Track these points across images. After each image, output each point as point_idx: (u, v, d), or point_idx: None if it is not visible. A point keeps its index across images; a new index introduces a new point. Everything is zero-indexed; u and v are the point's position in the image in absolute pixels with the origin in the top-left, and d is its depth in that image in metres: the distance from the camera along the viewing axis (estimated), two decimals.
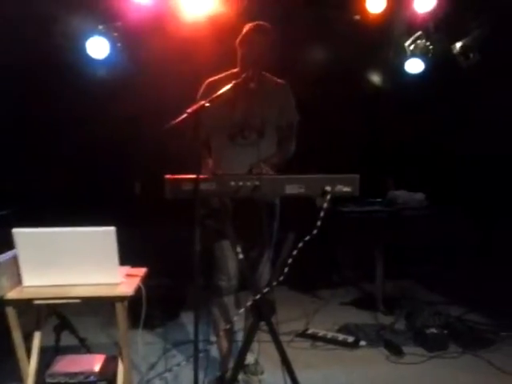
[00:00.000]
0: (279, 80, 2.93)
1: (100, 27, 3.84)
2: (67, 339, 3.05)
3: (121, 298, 2.27)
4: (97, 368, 2.45)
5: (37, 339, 2.45)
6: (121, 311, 2.29)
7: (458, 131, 4.85)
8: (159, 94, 4.24)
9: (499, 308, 3.99)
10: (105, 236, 2.24)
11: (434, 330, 3.51)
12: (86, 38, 3.86)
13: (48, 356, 2.62)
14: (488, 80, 4.32)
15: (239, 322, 3.01)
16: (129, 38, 3.94)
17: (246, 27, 2.80)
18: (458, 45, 4.21)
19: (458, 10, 4.01)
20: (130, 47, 4.02)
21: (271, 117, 2.83)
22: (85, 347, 3.09)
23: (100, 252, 2.25)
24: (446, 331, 3.54)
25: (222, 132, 2.82)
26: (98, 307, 3.88)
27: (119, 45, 3.94)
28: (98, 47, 3.88)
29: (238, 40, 2.80)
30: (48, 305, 2.40)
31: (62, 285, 2.27)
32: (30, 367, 2.41)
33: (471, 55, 4.17)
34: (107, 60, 3.96)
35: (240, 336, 3.09)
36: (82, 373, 2.41)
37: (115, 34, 3.90)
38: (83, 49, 3.88)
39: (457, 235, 4.34)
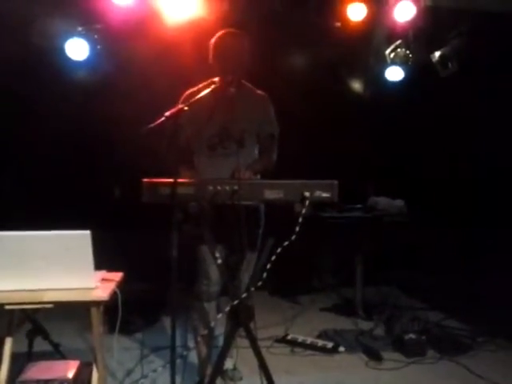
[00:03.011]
0: (259, 91, 2.93)
1: (79, 29, 3.80)
2: (41, 345, 2.99)
3: (95, 303, 2.24)
4: (70, 374, 2.39)
5: (8, 345, 2.39)
6: (96, 316, 2.25)
7: (436, 138, 4.92)
8: (139, 97, 4.21)
9: (477, 314, 4.04)
10: (80, 240, 2.20)
11: (412, 336, 3.53)
12: (66, 40, 3.82)
13: (20, 362, 2.55)
14: (465, 89, 4.39)
15: (220, 327, 2.99)
16: (109, 40, 3.90)
17: (215, 38, 2.78)
18: (437, 54, 4.28)
19: (436, 20, 4.07)
20: (110, 49, 3.98)
21: (251, 127, 2.82)
22: (59, 353, 3.02)
23: (75, 256, 2.21)
24: (424, 337, 3.56)
25: (201, 141, 2.81)
26: (74, 311, 3.76)
27: (99, 47, 3.90)
28: (77, 49, 3.83)
29: (211, 54, 2.78)
30: (21, 310, 2.35)
31: (35, 289, 2.22)
32: (1, 374, 2.35)
33: (449, 64, 4.24)
34: (87, 62, 3.91)
35: (221, 341, 3.07)
36: (54, 379, 2.34)
37: (95, 36, 3.86)
38: (62, 50, 3.83)
39: (435, 242, 4.39)
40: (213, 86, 2.53)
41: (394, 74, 4.45)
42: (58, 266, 2.21)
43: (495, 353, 3.54)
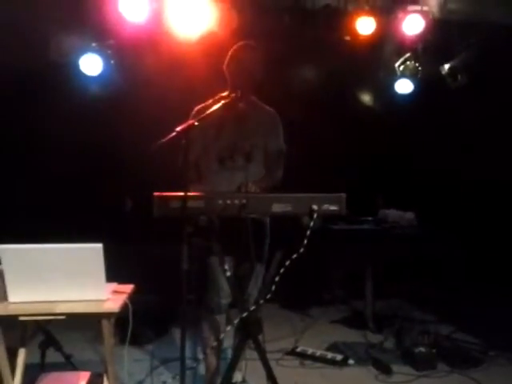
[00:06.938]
0: (269, 108, 2.96)
1: (94, 45, 3.89)
2: (53, 356, 3.03)
3: (107, 315, 2.27)
4: None
5: (21, 356, 2.44)
6: (107, 328, 2.28)
7: (447, 151, 4.92)
8: (151, 111, 4.28)
9: (488, 327, 4.00)
10: (92, 253, 2.24)
11: (422, 349, 3.50)
12: (80, 55, 3.91)
13: (33, 373, 2.60)
14: (475, 101, 4.39)
15: (229, 339, 3.01)
16: (122, 55, 4.00)
17: (232, 49, 2.84)
18: (447, 66, 4.31)
19: (445, 33, 4.10)
20: (124, 65, 4.07)
21: (259, 142, 2.85)
22: (71, 364, 3.06)
23: (87, 268, 2.25)
24: (434, 350, 3.53)
25: (211, 154, 2.84)
26: (86, 323, 3.81)
27: (112, 62, 3.99)
28: (91, 64, 3.93)
29: (225, 63, 2.84)
30: (34, 321, 2.39)
31: (47, 301, 2.25)
32: None
33: (459, 76, 4.26)
34: (100, 77, 4.01)
35: (230, 353, 3.08)
36: None
37: (109, 52, 3.95)
38: (77, 66, 3.93)
39: (445, 254, 4.37)
40: (222, 102, 2.57)
41: (404, 86, 4.48)
42: (71, 278, 2.25)
43: (507, 367, 3.50)
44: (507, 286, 4.32)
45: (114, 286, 2.52)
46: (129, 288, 2.53)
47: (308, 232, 2.29)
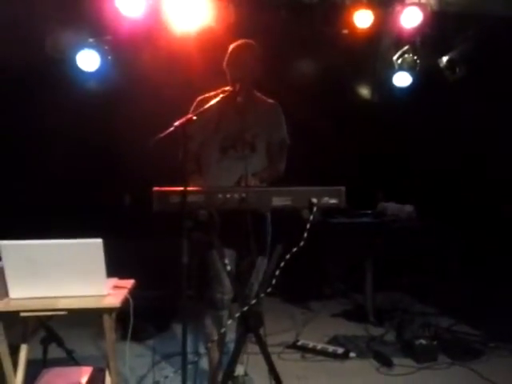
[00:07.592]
0: (270, 100, 2.96)
1: (90, 40, 3.89)
2: (55, 352, 3.03)
3: (108, 310, 2.27)
4: (84, 380, 2.44)
5: (23, 352, 2.44)
6: (108, 323, 2.28)
7: (445, 143, 4.92)
8: (149, 106, 4.27)
9: (488, 319, 4.01)
10: (92, 248, 2.24)
11: (423, 342, 3.52)
12: (77, 51, 3.90)
13: (35, 369, 2.60)
14: (474, 93, 4.39)
15: (231, 333, 3.01)
16: (119, 51, 3.99)
17: (231, 47, 2.84)
18: (445, 59, 4.31)
19: (443, 25, 4.09)
20: (121, 60, 4.06)
21: (261, 133, 2.84)
22: (73, 359, 3.07)
23: (87, 264, 2.25)
24: (435, 342, 3.55)
25: (212, 145, 2.84)
26: (87, 318, 3.82)
27: (110, 58, 3.99)
28: (88, 60, 3.92)
29: (225, 61, 2.84)
30: (35, 317, 2.40)
31: (48, 297, 2.26)
32: (17, 380, 2.39)
33: (457, 69, 4.26)
34: (97, 73, 4.00)
35: (231, 347, 3.09)
36: None
37: (106, 47, 3.95)
38: (74, 61, 3.92)
39: (445, 246, 4.38)
40: (221, 96, 2.57)
41: (402, 79, 4.48)
42: (71, 274, 2.25)
43: (507, 358, 3.52)
44: (507, 278, 4.33)
45: (114, 281, 2.52)
46: (129, 283, 2.53)
47: (308, 225, 2.30)
